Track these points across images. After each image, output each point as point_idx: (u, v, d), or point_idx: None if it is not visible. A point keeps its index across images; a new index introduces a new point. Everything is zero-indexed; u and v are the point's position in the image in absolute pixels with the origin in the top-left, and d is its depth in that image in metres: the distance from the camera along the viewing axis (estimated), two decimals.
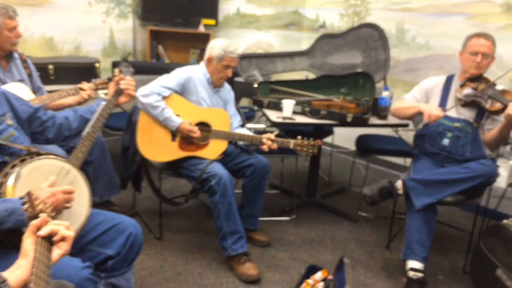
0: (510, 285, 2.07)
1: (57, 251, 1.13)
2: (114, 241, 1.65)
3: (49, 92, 2.64)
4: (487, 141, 2.52)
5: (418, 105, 2.59)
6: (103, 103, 1.91)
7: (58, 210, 1.50)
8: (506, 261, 2.13)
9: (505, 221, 2.23)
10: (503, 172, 3.03)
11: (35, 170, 1.51)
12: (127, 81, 1.98)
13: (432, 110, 2.48)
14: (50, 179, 1.54)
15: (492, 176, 2.41)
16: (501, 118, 2.42)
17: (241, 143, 2.73)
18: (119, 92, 1.96)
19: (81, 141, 1.76)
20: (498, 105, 2.42)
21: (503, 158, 3.25)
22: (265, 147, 2.54)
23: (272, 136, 2.56)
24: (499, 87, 2.50)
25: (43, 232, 1.11)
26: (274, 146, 2.55)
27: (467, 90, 2.51)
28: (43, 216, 1.15)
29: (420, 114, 2.58)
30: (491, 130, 2.50)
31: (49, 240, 1.12)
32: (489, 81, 2.51)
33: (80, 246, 1.61)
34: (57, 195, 1.49)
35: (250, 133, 2.67)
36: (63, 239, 1.14)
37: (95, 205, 2.70)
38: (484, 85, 2.48)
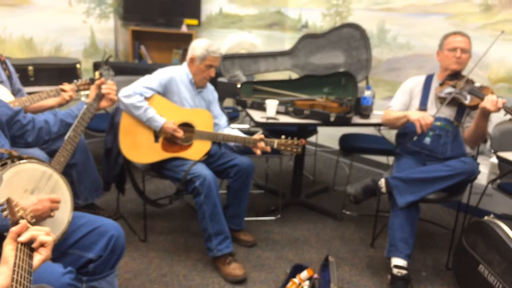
0: (491, 281, 2.11)
1: (38, 257, 1.12)
2: (95, 244, 1.63)
3: (29, 94, 2.60)
4: (466, 138, 2.55)
5: (406, 114, 2.52)
6: (85, 106, 1.88)
7: (42, 218, 1.48)
8: (487, 257, 2.17)
9: (486, 218, 2.26)
10: (483, 169, 3.08)
11: (17, 174, 1.49)
12: (109, 86, 1.97)
13: (421, 119, 2.39)
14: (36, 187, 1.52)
15: (473, 173, 2.45)
16: None
17: (232, 144, 2.73)
18: (100, 96, 1.95)
19: (63, 145, 1.74)
20: (476, 101, 2.46)
21: (483, 156, 3.32)
22: (258, 151, 2.54)
23: (262, 136, 2.56)
24: (476, 84, 2.55)
25: (23, 238, 1.10)
26: (268, 148, 2.55)
27: (447, 89, 2.54)
28: (23, 222, 1.13)
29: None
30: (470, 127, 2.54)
31: (29, 246, 1.11)
32: (467, 79, 2.55)
33: (61, 250, 1.59)
34: (44, 203, 1.47)
35: (241, 135, 2.66)
36: (42, 245, 1.13)
37: (80, 208, 2.69)
38: (462, 83, 2.52)
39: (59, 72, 3.45)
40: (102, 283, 1.67)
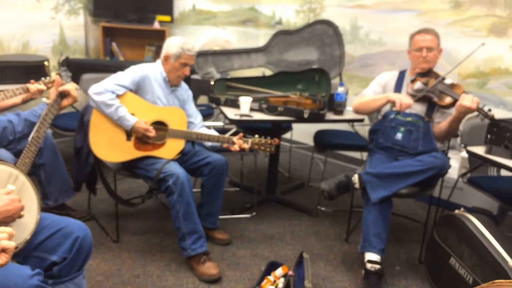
0: (462, 273, 2.15)
1: None
2: (59, 246, 1.59)
3: None
4: (437, 133, 2.59)
5: (386, 95, 2.57)
6: (46, 107, 1.86)
7: (12, 218, 1.45)
8: (458, 250, 2.21)
9: (456, 211, 2.30)
10: (454, 163, 3.14)
11: None
12: (67, 85, 1.95)
13: (402, 98, 2.44)
14: (7, 188, 1.49)
15: (444, 168, 2.49)
16: (451, 111, 2.50)
17: (209, 144, 2.70)
18: (62, 95, 1.94)
19: (27, 146, 1.72)
20: (448, 100, 2.50)
21: (454, 150, 3.38)
22: (236, 147, 2.52)
23: (241, 135, 2.54)
24: (447, 81, 2.58)
25: None
26: (246, 146, 2.53)
27: (418, 85, 2.57)
28: None
29: (388, 103, 2.59)
30: (440, 123, 2.58)
31: None
32: (438, 76, 2.58)
33: (25, 253, 1.54)
34: (15, 203, 1.45)
35: (215, 133, 2.63)
36: (4, 250, 1.09)
37: (50, 209, 2.63)
38: (434, 80, 2.55)
39: (27, 69, 3.34)
40: (70, 285, 1.63)
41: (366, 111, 2.71)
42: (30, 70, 3.35)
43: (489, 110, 2.34)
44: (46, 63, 3.42)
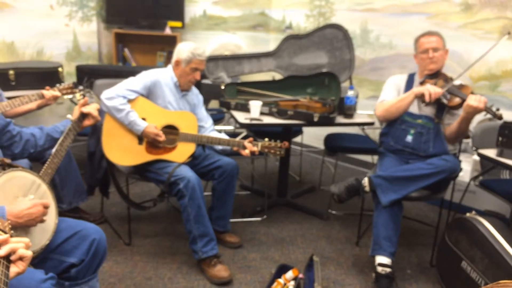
0: (474, 277, 2.13)
1: (14, 269, 1.12)
2: (77, 249, 1.63)
3: (10, 98, 2.57)
4: (447, 135, 2.58)
5: (412, 90, 2.53)
6: (70, 124, 1.93)
7: (35, 222, 1.50)
8: (470, 253, 2.19)
9: (468, 214, 2.29)
10: (466, 166, 3.12)
11: (9, 181, 1.52)
12: (90, 106, 2.02)
13: (430, 89, 2.41)
14: (29, 197, 1.55)
15: (455, 171, 2.48)
16: (460, 112, 2.49)
17: (219, 148, 2.73)
18: (83, 115, 2.00)
19: (50, 158, 1.80)
20: (457, 100, 2.49)
21: (466, 153, 3.36)
22: (247, 152, 2.54)
23: (251, 139, 2.57)
24: (456, 82, 2.58)
25: (3, 252, 1.10)
26: (255, 149, 2.56)
27: None
28: (4, 237, 1.12)
29: (417, 98, 2.53)
30: (450, 124, 2.57)
31: (7, 258, 1.11)
32: (446, 77, 2.58)
33: (42, 255, 1.58)
34: (38, 207, 1.50)
35: (225, 137, 2.66)
36: (21, 258, 1.12)
37: (64, 212, 2.67)
38: (442, 81, 2.55)
39: (41, 76, 3.41)
40: (84, 287, 1.67)
41: (396, 113, 2.60)
42: (44, 76, 3.42)
43: (497, 109, 2.33)
44: (60, 69, 3.49)
